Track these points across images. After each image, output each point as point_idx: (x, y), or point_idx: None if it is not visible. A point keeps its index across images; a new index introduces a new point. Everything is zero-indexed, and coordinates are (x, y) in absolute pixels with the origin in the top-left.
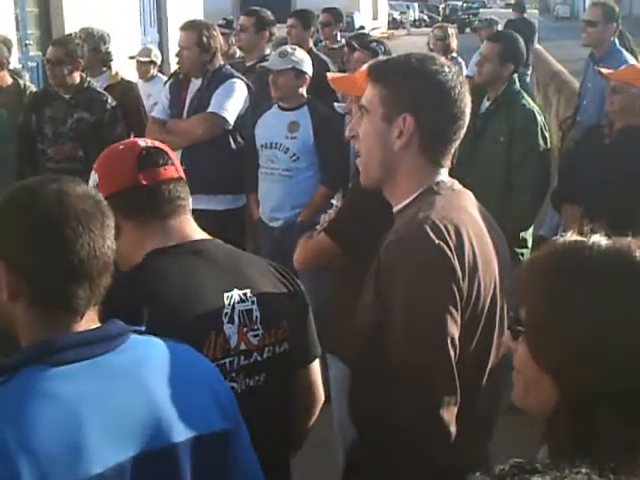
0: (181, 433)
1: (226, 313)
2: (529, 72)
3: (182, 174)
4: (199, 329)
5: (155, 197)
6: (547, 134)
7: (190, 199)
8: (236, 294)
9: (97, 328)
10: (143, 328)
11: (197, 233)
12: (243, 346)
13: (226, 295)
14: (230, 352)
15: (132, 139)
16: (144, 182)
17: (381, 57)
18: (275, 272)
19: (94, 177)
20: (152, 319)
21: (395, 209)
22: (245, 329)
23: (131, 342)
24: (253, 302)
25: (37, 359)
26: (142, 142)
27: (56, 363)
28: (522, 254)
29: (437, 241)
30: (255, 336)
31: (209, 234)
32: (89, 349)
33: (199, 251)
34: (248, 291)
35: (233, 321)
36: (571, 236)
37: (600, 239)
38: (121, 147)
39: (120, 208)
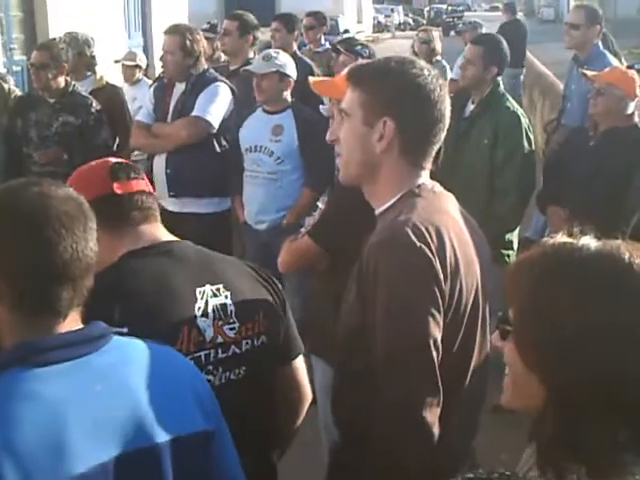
0: (163, 433)
1: (199, 307)
2: (523, 72)
3: (152, 190)
4: (171, 324)
5: (128, 205)
6: (531, 136)
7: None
8: (209, 289)
9: (79, 329)
10: (125, 329)
11: (166, 236)
12: (220, 339)
13: (198, 290)
14: (205, 345)
15: (104, 159)
16: (118, 191)
17: (360, 60)
18: (251, 270)
19: None
20: (123, 317)
21: (377, 212)
22: (220, 322)
23: (113, 343)
24: (227, 296)
25: (20, 361)
26: (113, 159)
27: (39, 364)
28: (508, 256)
29: (419, 243)
30: (231, 329)
31: (195, 237)
32: (72, 350)
33: (169, 251)
34: (221, 286)
35: (207, 315)
36: (561, 237)
37: (590, 241)
38: (93, 163)
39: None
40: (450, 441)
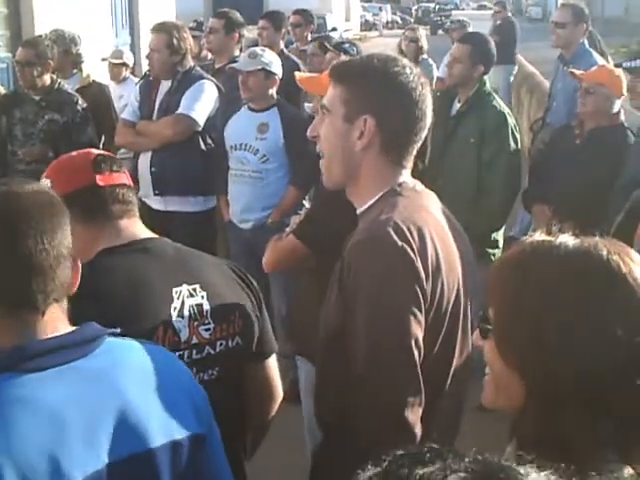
0: (158, 438)
1: (175, 307)
2: (515, 69)
3: (132, 184)
4: (146, 324)
5: (110, 198)
6: (518, 135)
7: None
8: (185, 289)
9: (72, 332)
10: (118, 330)
11: (145, 233)
12: (195, 340)
13: (175, 290)
14: (180, 346)
15: (85, 150)
16: (100, 183)
17: (343, 57)
18: (228, 269)
19: (46, 182)
20: (98, 317)
21: (358, 211)
22: (196, 323)
23: (106, 345)
24: (203, 297)
25: (10, 366)
26: (95, 150)
27: (31, 370)
28: (494, 255)
29: (400, 243)
30: (207, 330)
31: (180, 236)
32: (64, 354)
33: (147, 249)
34: (197, 286)
35: (183, 315)
36: (539, 236)
37: (567, 239)
38: (74, 154)
39: (74, 209)
40: (431, 441)
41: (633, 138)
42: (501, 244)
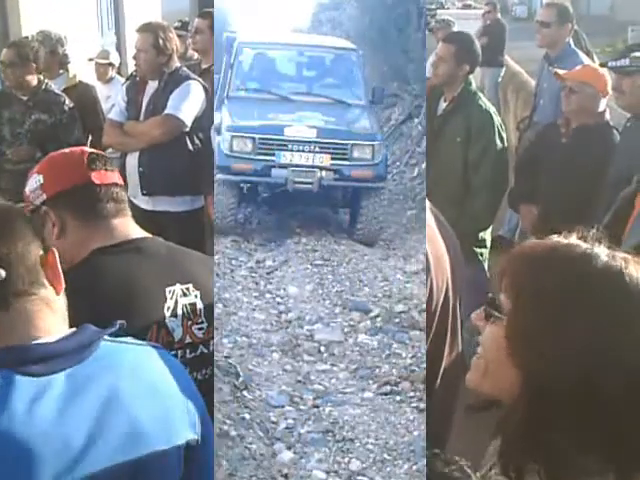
0: (154, 444)
1: (168, 307)
2: (502, 72)
3: (122, 183)
4: (139, 323)
5: (104, 197)
6: (504, 134)
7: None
8: (178, 288)
9: (70, 336)
10: (117, 326)
11: (138, 232)
12: (188, 339)
13: (168, 289)
14: (174, 345)
15: (76, 147)
16: (96, 181)
17: None
18: None
19: (37, 178)
20: (91, 316)
21: None
22: (189, 322)
23: (102, 350)
24: (196, 296)
25: (9, 364)
26: (87, 149)
27: (30, 374)
28: (481, 254)
29: None
30: (200, 329)
31: (168, 235)
32: (63, 361)
33: (140, 248)
34: (190, 285)
35: (176, 315)
36: (573, 238)
37: (602, 251)
38: (67, 151)
39: (68, 206)
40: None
41: (619, 137)
42: (489, 243)
